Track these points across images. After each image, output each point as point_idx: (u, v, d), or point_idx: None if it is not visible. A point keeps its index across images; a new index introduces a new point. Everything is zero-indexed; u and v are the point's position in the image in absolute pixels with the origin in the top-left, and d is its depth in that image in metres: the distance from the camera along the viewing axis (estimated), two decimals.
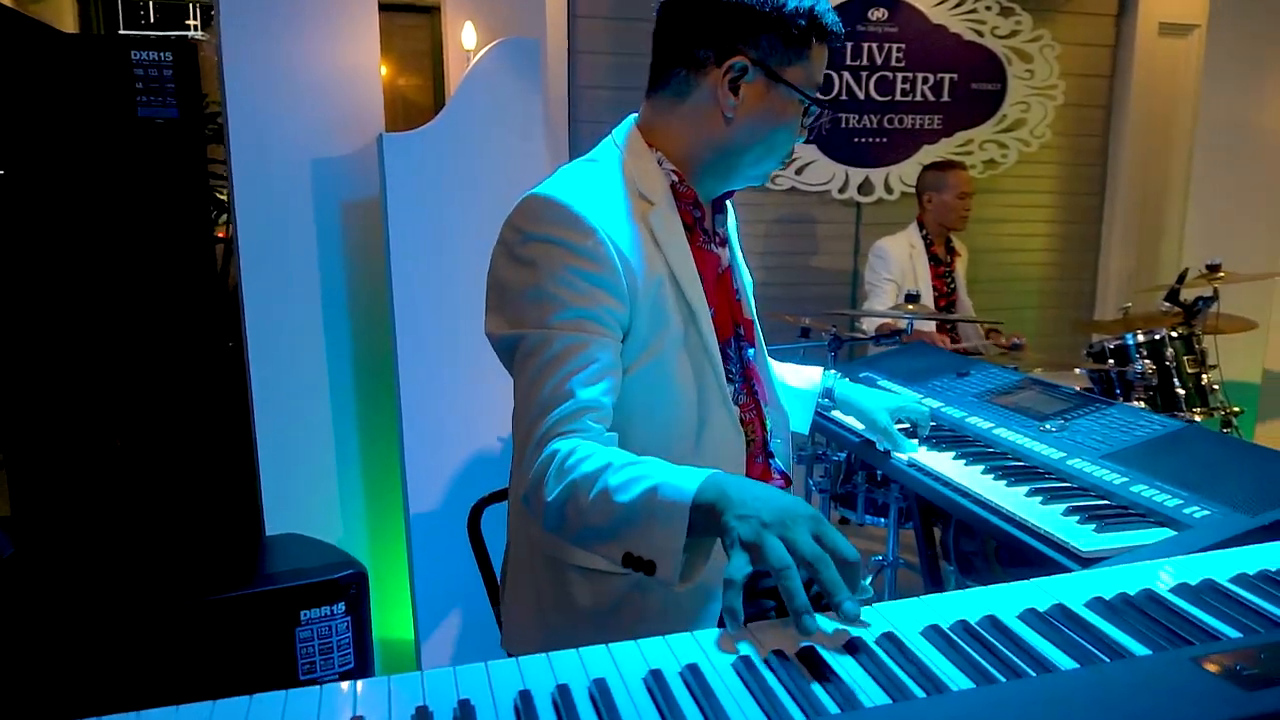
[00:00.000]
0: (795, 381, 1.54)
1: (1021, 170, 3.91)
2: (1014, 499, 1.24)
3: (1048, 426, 1.47)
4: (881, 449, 1.49)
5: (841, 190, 3.67)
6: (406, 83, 3.62)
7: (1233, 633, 0.82)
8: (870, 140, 3.66)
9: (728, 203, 1.33)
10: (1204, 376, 2.50)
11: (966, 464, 1.38)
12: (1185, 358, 2.47)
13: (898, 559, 2.61)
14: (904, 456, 1.45)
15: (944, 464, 1.40)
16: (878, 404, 1.51)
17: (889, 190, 3.71)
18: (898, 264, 3.17)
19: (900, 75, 3.64)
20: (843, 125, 3.61)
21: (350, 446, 2.45)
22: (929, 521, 2.07)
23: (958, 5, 3.64)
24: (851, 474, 2.65)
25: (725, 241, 1.31)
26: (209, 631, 1.65)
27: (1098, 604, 0.87)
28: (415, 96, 3.60)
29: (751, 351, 1.33)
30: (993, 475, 1.33)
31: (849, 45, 3.56)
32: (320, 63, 2.30)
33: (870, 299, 3.21)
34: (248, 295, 2.22)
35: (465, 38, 2.50)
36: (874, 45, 3.58)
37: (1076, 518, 1.16)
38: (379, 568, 2.37)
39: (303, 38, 2.27)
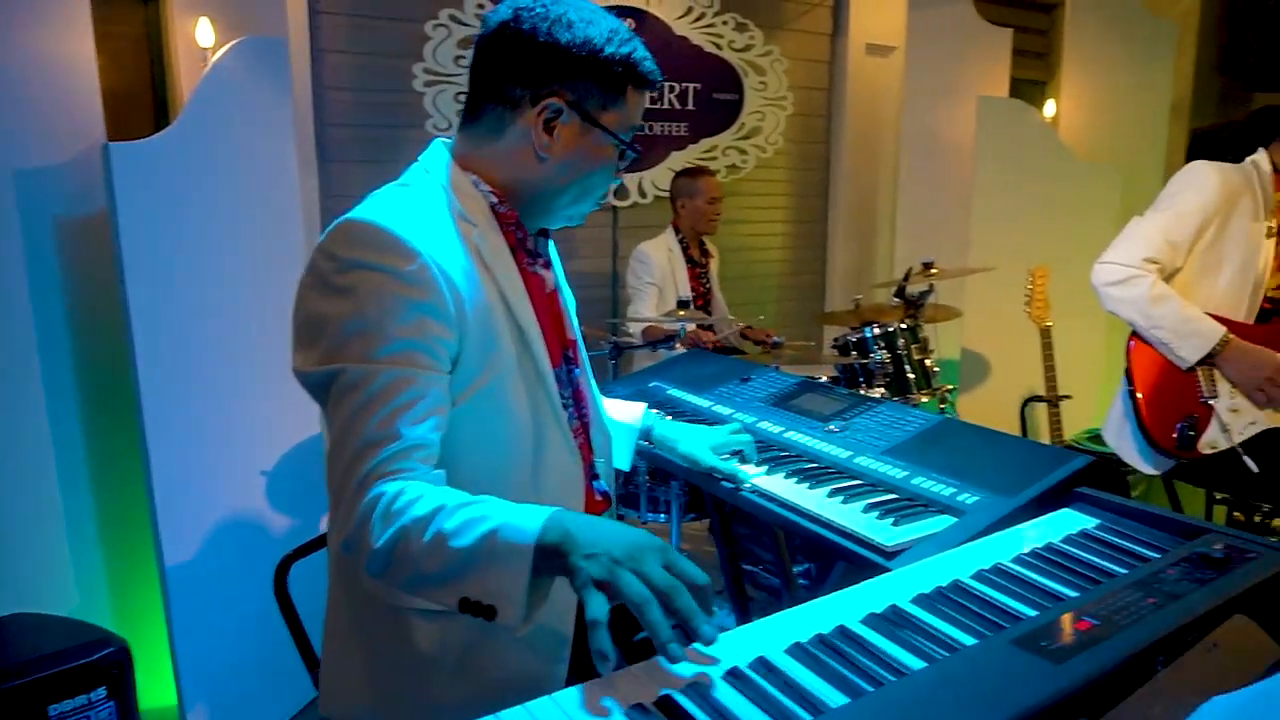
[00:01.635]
0: (617, 415, 1.53)
1: (759, 175, 4.21)
2: (819, 501, 1.34)
3: (832, 427, 1.60)
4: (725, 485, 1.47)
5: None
6: (117, 80, 3.19)
7: (1029, 610, 0.95)
8: None
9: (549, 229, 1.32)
10: (927, 361, 2.85)
11: (769, 471, 1.47)
12: (913, 346, 2.80)
13: (681, 551, 2.73)
14: (746, 485, 1.44)
15: (759, 478, 1.46)
16: (698, 444, 1.48)
17: (643, 194, 3.84)
18: (658, 267, 3.31)
19: None
20: None
21: (81, 500, 2.14)
22: (723, 515, 2.18)
23: (698, 19, 3.84)
24: (632, 476, 2.73)
25: (550, 264, 1.30)
26: None
27: (922, 600, 0.97)
28: (130, 95, 3.18)
29: (578, 371, 1.32)
30: (795, 479, 1.43)
31: None
32: (20, 55, 1.97)
33: (634, 302, 3.32)
34: None
35: (201, 34, 2.25)
36: None
37: (875, 514, 1.28)
38: (129, 636, 2.10)
39: None
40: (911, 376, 2.77)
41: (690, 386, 1.95)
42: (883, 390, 2.72)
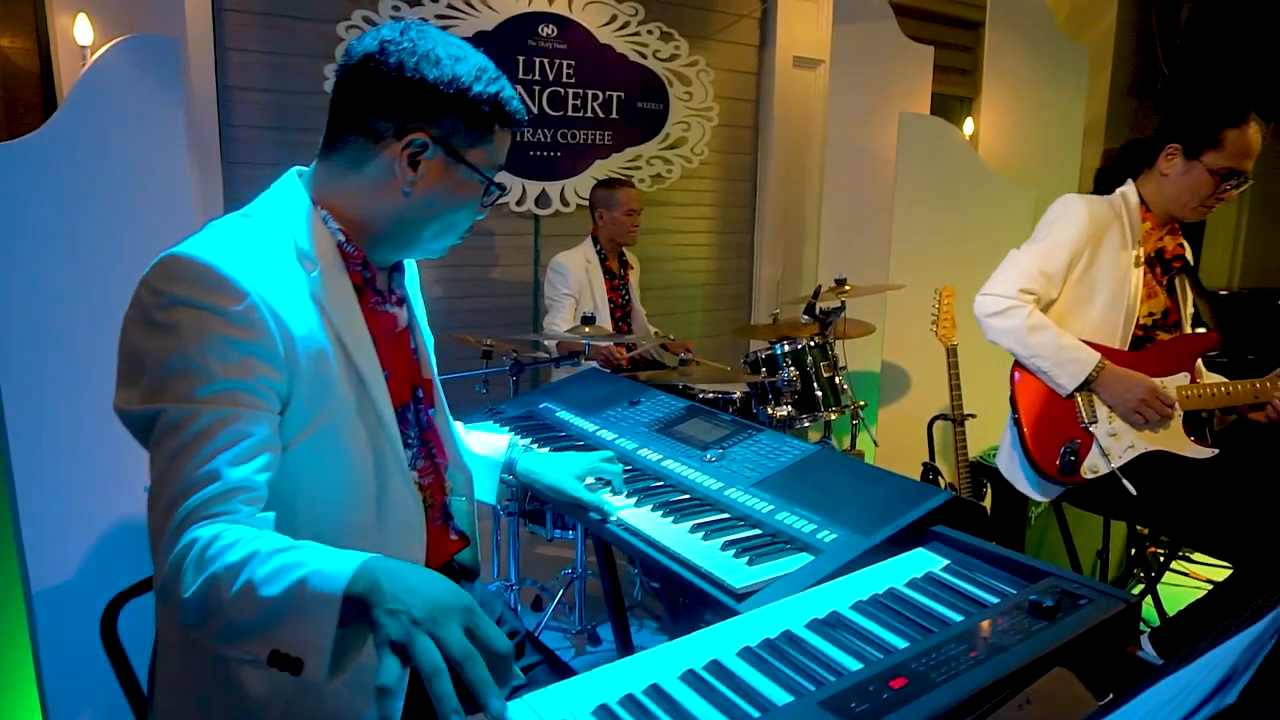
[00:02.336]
0: (480, 449, 1.50)
1: (685, 184, 4.20)
2: (679, 537, 1.32)
3: (709, 456, 1.59)
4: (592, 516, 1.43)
5: (519, 203, 3.70)
6: (10, 81, 3.05)
7: (852, 664, 0.94)
8: (546, 154, 3.73)
9: (408, 261, 1.29)
10: (837, 378, 2.86)
11: (638, 504, 1.45)
12: (822, 363, 2.81)
13: (586, 570, 2.71)
14: (612, 517, 1.40)
15: (626, 510, 1.44)
16: (564, 474, 1.45)
17: (565, 203, 3.81)
18: (575, 279, 3.28)
19: (572, 91, 3.74)
20: (518, 138, 3.63)
21: None
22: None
23: (622, 28, 3.82)
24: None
25: (403, 301, 1.26)
26: None
27: (747, 653, 0.95)
28: (22, 96, 3.05)
29: (432, 411, 1.29)
30: (661, 513, 1.41)
31: (521, 59, 3.58)
32: None
33: (550, 313, 3.29)
34: None
35: (79, 32, 2.15)
36: (545, 61, 3.64)
37: (732, 552, 1.26)
38: None
39: None
40: (820, 394, 2.78)
41: (579, 409, 1.92)
42: (789, 408, 2.72)
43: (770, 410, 2.70)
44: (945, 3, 4.66)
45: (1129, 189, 2.10)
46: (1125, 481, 1.95)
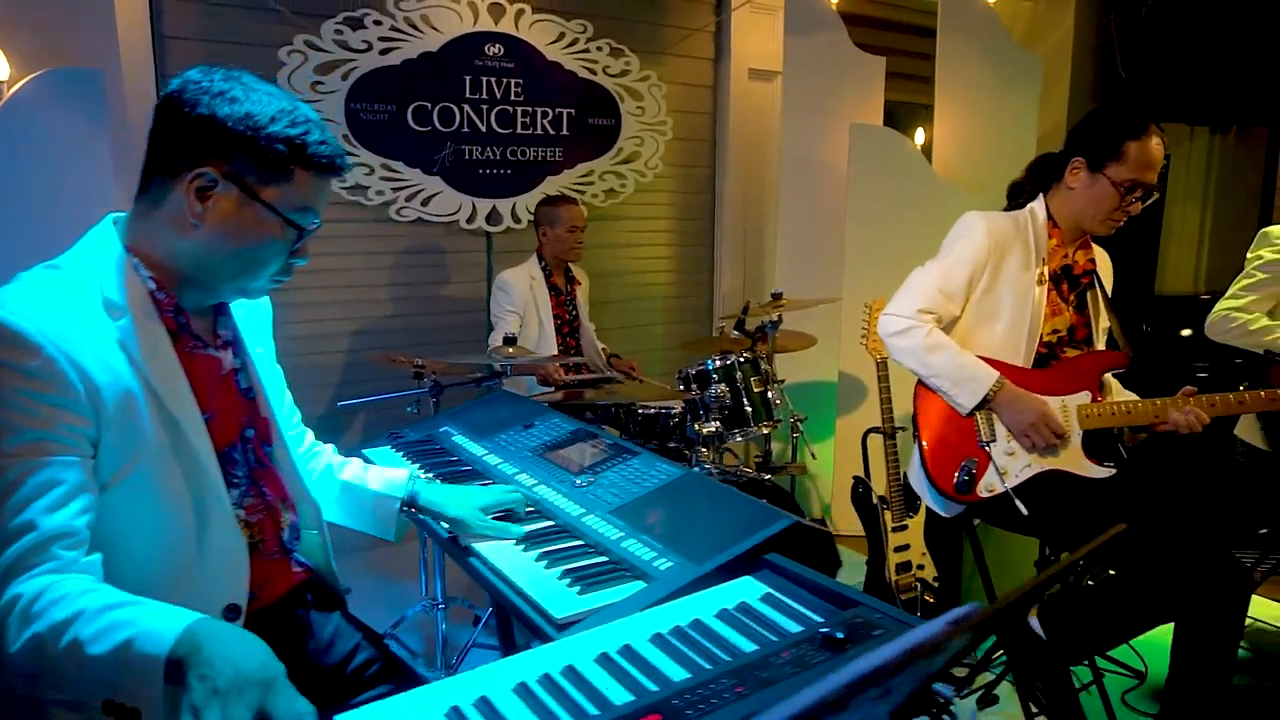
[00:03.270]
0: (378, 484, 1.51)
1: (640, 199, 4.22)
2: (521, 564, 1.34)
3: (579, 481, 1.60)
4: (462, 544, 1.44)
5: (470, 220, 3.73)
6: None
7: (622, 697, 0.94)
8: (495, 172, 3.76)
9: (254, 301, 1.32)
10: (770, 392, 2.87)
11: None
12: (753, 378, 2.82)
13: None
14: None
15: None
16: (467, 506, 1.44)
17: (516, 219, 3.83)
18: (519, 296, 3.30)
19: (521, 109, 3.77)
20: (467, 157, 3.67)
21: None
22: None
23: (571, 44, 3.85)
24: None
25: (229, 343, 1.28)
26: None
27: (521, 689, 0.96)
28: None
29: (269, 448, 1.31)
30: (513, 540, 1.43)
31: (468, 79, 3.62)
32: None
33: (495, 330, 3.31)
34: None
35: None
36: (493, 80, 3.68)
37: (568, 580, 1.28)
38: None
39: None
40: (749, 410, 2.79)
41: (475, 432, 1.95)
42: (718, 424, 2.73)
43: (699, 427, 2.71)
44: (899, 10, 4.66)
45: (1038, 204, 2.11)
46: (1018, 501, 1.95)
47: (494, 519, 1.45)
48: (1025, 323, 2.03)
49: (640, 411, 2.96)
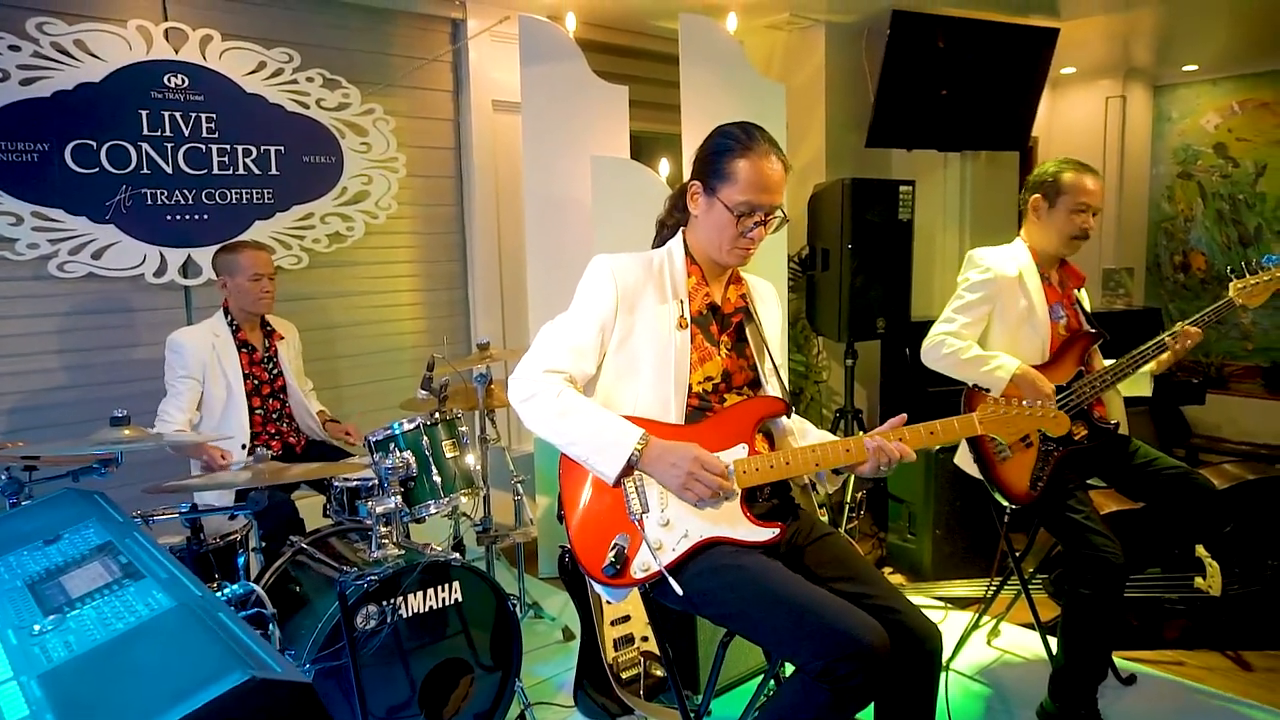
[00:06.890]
0: None
1: (375, 242, 3.87)
2: None
3: (39, 627, 1.23)
4: None
5: (159, 274, 3.27)
6: None
7: None
8: (187, 217, 3.32)
9: None
10: (470, 457, 2.56)
11: None
12: (445, 442, 2.51)
13: None
14: None
15: None
16: None
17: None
18: (194, 358, 2.88)
19: (216, 148, 3.35)
20: (149, 202, 3.22)
21: None
22: None
23: (274, 75, 3.47)
24: None
25: None
26: None
27: None
28: None
29: None
30: None
31: (145, 114, 3.18)
32: None
33: (167, 399, 2.87)
34: None
35: None
36: (177, 114, 3.25)
37: None
38: None
39: None
40: (439, 479, 2.46)
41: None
42: (398, 498, 2.39)
43: (371, 505, 2.32)
44: (642, 38, 4.53)
45: (676, 240, 1.91)
46: (672, 580, 1.70)
47: None
48: (670, 373, 1.80)
49: (336, 485, 2.59)
